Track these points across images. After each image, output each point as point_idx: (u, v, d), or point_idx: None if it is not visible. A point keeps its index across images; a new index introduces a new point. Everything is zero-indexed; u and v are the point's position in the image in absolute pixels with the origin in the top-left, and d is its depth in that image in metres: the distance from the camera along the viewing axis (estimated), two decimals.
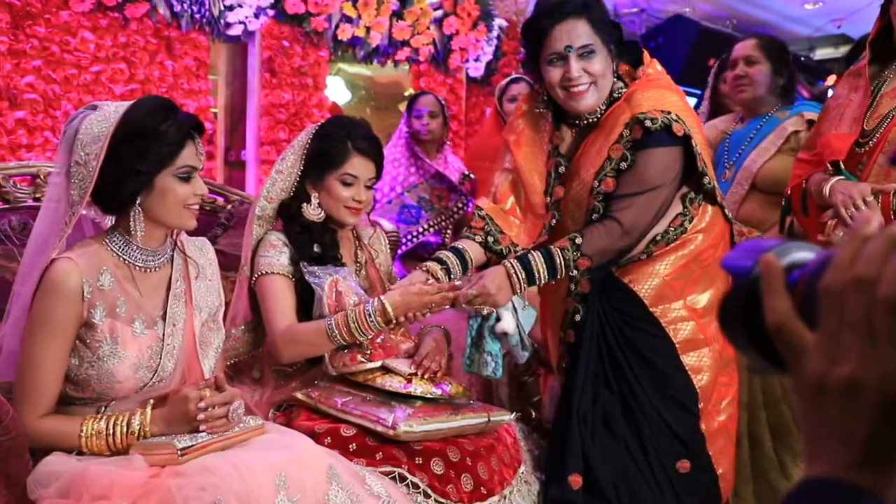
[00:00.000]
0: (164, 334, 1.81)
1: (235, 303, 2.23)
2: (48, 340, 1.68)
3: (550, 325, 2.37)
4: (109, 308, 1.73)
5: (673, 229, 2.16)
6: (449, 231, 3.92)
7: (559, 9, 2.08)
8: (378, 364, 2.07)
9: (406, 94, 6.02)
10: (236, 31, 4.56)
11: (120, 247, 1.79)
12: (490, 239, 2.25)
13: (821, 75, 7.45)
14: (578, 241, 2.05)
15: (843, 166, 2.21)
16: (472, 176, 3.97)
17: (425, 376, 2.04)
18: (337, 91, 6.12)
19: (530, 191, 2.28)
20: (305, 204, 2.20)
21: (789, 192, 2.46)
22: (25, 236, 1.89)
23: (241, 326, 2.22)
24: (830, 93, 2.66)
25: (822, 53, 9.00)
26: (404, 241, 3.72)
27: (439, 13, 5.50)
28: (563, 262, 2.04)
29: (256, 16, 4.57)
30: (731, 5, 7.49)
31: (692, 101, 3.04)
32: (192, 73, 4.43)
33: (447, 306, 2.06)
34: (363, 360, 2.06)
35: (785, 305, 0.59)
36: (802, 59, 8.04)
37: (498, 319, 2.13)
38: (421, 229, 3.83)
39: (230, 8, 4.46)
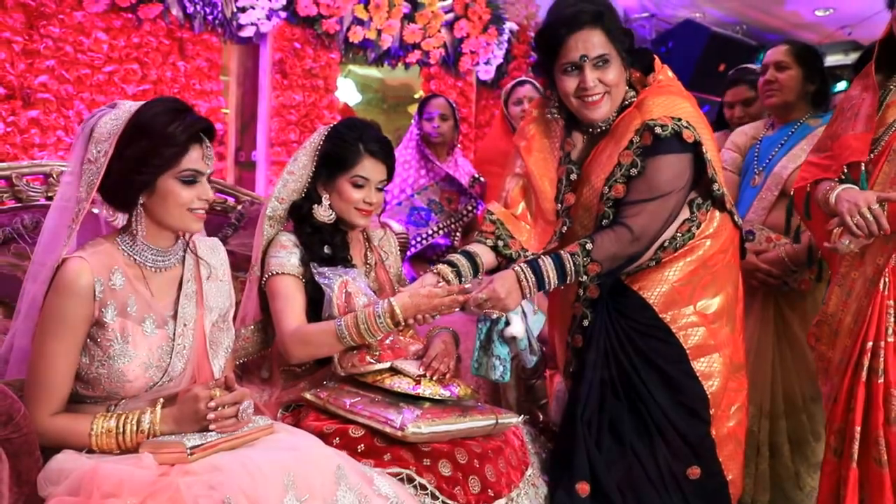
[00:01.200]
0: (174, 334, 1.81)
1: (245, 303, 2.24)
2: (59, 339, 1.69)
3: (558, 330, 2.37)
4: (120, 307, 1.74)
5: (680, 235, 2.15)
6: (458, 233, 3.91)
7: (575, 18, 2.07)
8: (387, 365, 2.07)
9: (416, 96, 6.02)
10: (248, 32, 4.58)
11: (131, 246, 1.79)
12: (500, 243, 2.26)
13: (832, 81, 7.41)
14: (589, 246, 2.05)
15: (863, 168, 2.16)
16: (481, 179, 3.97)
17: (434, 378, 2.04)
18: (347, 93, 6.13)
19: (541, 196, 2.28)
20: (316, 205, 2.21)
21: (792, 192, 2.43)
22: (38, 235, 1.88)
23: (251, 326, 2.23)
24: None
25: (832, 60, 8.94)
26: (414, 243, 3.72)
27: (450, 16, 5.51)
28: (573, 268, 2.04)
29: (268, 18, 4.60)
30: (741, 11, 7.45)
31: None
32: (204, 74, 4.45)
33: (457, 309, 2.06)
34: (372, 361, 2.06)
35: None
36: None
37: (507, 323, 2.13)
38: (430, 231, 3.83)
39: (242, 10, 4.49)
